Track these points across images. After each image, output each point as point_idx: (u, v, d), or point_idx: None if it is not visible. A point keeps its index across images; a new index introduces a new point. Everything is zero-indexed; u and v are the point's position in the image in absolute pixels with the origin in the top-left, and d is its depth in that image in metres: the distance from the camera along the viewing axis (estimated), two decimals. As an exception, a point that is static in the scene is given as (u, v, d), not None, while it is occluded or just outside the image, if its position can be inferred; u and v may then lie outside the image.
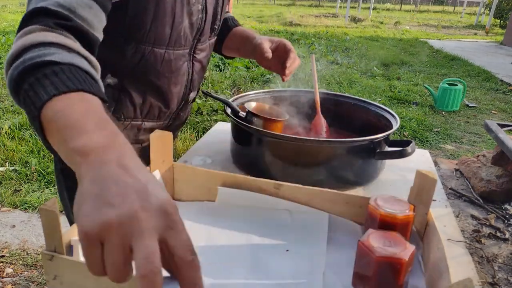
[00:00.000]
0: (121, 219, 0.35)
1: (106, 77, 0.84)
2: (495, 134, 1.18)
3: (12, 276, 1.85)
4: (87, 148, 0.41)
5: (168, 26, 0.81)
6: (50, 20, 0.57)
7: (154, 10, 0.77)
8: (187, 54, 0.90)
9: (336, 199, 0.70)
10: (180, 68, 0.90)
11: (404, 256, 0.53)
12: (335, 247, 0.68)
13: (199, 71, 0.97)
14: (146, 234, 0.34)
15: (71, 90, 0.47)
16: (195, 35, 0.89)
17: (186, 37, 0.86)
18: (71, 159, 0.42)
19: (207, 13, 0.89)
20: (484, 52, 8.77)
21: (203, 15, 0.88)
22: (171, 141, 0.76)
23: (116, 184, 0.37)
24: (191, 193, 0.79)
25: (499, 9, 14.10)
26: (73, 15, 0.59)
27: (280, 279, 0.60)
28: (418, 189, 0.64)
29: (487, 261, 0.88)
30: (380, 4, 25.92)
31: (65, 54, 0.52)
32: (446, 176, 1.35)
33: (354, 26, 13.07)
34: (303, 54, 6.00)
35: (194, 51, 0.92)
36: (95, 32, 0.63)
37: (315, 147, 0.84)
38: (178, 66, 0.89)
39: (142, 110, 0.91)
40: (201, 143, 1.12)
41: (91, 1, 0.62)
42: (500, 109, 4.68)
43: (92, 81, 0.52)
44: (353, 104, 1.12)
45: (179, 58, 0.88)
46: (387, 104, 4.55)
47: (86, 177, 0.39)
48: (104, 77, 0.84)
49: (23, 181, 2.66)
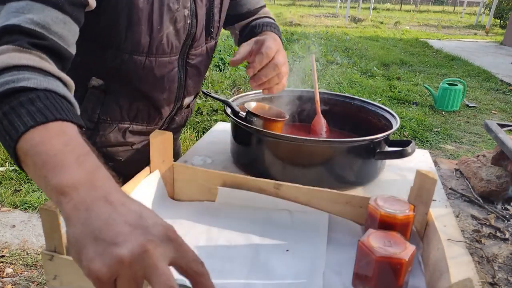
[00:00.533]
0: (131, 255, 0.36)
1: (91, 79, 0.83)
2: (495, 134, 1.18)
3: (12, 276, 1.85)
4: (68, 188, 0.40)
5: (145, 35, 0.78)
6: (24, 39, 0.54)
7: (128, 19, 0.74)
8: (177, 60, 0.87)
9: (336, 199, 0.70)
10: (167, 75, 0.86)
11: (404, 256, 0.53)
12: (335, 247, 0.68)
13: (195, 76, 0.94)
14: (159, 264, 0.36)
15: (48, 121, 0.45)
16: (185, 41, 0.85)
17: (171, 44, 0.83)
18: (53, 196, 0.42)
19: (197, 18, 0.85)
20: (484, 52, 8.77)
21: (193, 21, 0.84)
22: (171, 141, 0.76)
23: (112, 223, 0.38)
24: (191, 193, 0.79)
25: (499, 9, 14.09)
26: (48, 33, 0.57)
27: (280, 279, 0.60)
28: (418, 189, 0.64)
29: (487, 261, 0.88)
30: (380, 4, 25.93)
31: (40, 79, 0.50)
32: (446, 176, 1.36)
33: (354, 26, 13.07)
34: (303, 54, 6.00)
35: (187, 57, 0.89)
36: (69, 48, 0.61)
37: (315, 147, 0.84)
38: (163, 73, 0.85)
39: (129, 113, 0.88)
40: (201, 143, 1.12)
41: (65, 16, 0.60)
42: (500, 109, 4.68)
43: (69, 106, 0.51)
44: (353, 104, 1.12)
45: (163, 65, 0.84)
46: (387, 104, 4.55)
47: (74, 220, 0.38)
48: (89, 79, 0.83)
49: (23, 181, 2.66)
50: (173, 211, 0.76)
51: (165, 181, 0.78)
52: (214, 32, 0.94)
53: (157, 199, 0.76)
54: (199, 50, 0.91)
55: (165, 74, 0.86)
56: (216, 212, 0.76)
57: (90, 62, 0.80)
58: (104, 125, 0.87)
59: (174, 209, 0.77)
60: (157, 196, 0.76)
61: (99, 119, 0.86)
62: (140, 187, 0.71)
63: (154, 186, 0.75)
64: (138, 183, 0.71)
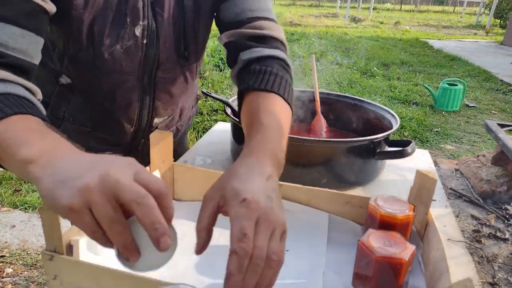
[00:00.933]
0: (95, 181, 0.39)
1: (60, 77, 0.81)
2: (495, 134, 1.18)
3: (12, 276, 1.85)
4: (35, 156, 0.43)
5: (88, 47, 0.73)
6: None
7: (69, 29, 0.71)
8: (137, 80, 0.80)
9: (336, 199, 0.70)
10: (120, 93, 0.80)
11: (404, 256, 0.53)
12: (335, 247, 0.68)
13: (166, 100, 0.87)
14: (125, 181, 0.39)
15: (8, 115, 0.49)
16: (143, 62, 0.78)
17: (119, 64, 0.76)
18: (23, 170, 0.44)
19: (159, 39, 0.76)
20: (484, 52, 8.77)
21: (151, 41, 0.76)
22: (171, 141, 0.76)
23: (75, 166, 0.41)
24: (191, 193, 0.79)
25: (499, 9, 14.09)
26: (7, 50, 0.57)
27: (280, 279, 0.60)
28: (418, 189, 0.64)
29: (487, 261, 0.88)
30: (380, 4, 25.92)
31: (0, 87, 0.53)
32: (446, 176, 1.36)
33: (354, 26, 13.07)
34: (303, 54, 6.00)
35: (154, 80, 0.82)
36: (32, 59, 0.61)
37: (315, 147, 0.84)
38: (113, 90, 0.80)
39: (92, 119, 0.85)
40: (201, 143, 1.12)
41: (22, 31, 0.59)
42: (500, 109, 4.68)
43: (31, 105, 0.53)
44: (353, 104, 1.12)
45: (114, 82, 0.79)
46: (387, 104, 4.54)
47: (43, 176, 0.41)
48: (59, 75, 0.81)
49: (23, 181, 2.66)
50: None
51: (165, 181, 0.77)
52: (191, 55, 0.83)
53: (157, 199, 0.76)
54: (170, 74, 0.84)
55: (117, 91, 0.80)
56: (216, 212, 0.76)
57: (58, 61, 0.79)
58: (68, 124, 0.86)
59: (174, 209, 0.77)
60: (157, 196, 0.76)
61: (63, 117, 0.85)
62: (140, 187, 0.71)
63: (154, 186, 0.75)
64: (138, 183, 0.71)
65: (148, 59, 0.78)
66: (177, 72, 0.85)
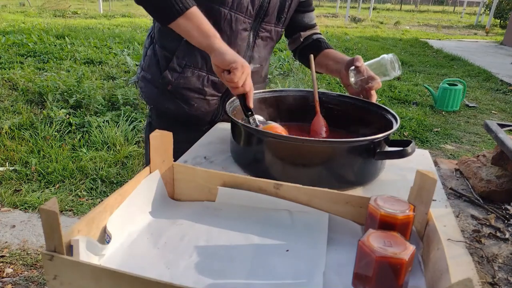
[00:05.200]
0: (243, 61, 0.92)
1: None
2: (495, 134, 1.18)
3: (12, 276, 1.85)
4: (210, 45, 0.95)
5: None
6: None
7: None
8: (250, 25, 1.11)
9: (336, 199, 0.70)
10: (240, 32, 1.10)
11: (404, 256, 0.53)
12: (335, 247, 0.68)
13: (261, 49, 1.18)
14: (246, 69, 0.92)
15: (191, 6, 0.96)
16: (258, 11, 1.09)
17: (247, 6, 1.07)
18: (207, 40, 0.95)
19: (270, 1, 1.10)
20: (484, 52, 8.77)
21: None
22: (171, 141, 0.76)
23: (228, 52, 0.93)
24: (191, 193, 0.79)
25: (499, 9, 14.10)
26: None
27: (280, 279, 0.60)
28: (418, 189, 0.64)
29: (487, 261, 0.88)
30: (380, 4, 25.91)
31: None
32: (446, 176, 1.35)
33: (354, 26, 13.08)
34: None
35: (259, 28, 1.13)
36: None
37: (315, 147, 0.84)
38: (237, 29, 1.09)
39: (207, 63, 1.11)
40: (201, 143, 1.12)
41: None
42: (500, 109, 4.69)
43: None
44: (353, 104, 1.12)
45: (239, 22, 1.08)
46: (387, 104, 4.54)
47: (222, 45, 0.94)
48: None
49: (23, 181, 2.67)
50: (173, 211, 0.76)
51: (165, 181, 0.77)
52: (283, 20, 1.18)
53: (157, 199, 0.76)
54: (268, 28, 1.15)
55: (239, 30, 1.10)
56: (216, 212, 0.76)
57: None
58: (188, 69, 1.14)
59: (174, 209, 0.77)
60: (157, 196, 0.76)
61: (185, 65, 1.13)
62: (140, 187, 0.71)
63: (154, 186, 0.75)
64: (138, 183, 0.71)
65: (260, 9, 1.10)
66: (271, 29, 1.17)
